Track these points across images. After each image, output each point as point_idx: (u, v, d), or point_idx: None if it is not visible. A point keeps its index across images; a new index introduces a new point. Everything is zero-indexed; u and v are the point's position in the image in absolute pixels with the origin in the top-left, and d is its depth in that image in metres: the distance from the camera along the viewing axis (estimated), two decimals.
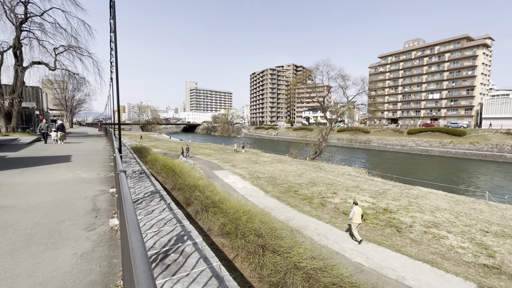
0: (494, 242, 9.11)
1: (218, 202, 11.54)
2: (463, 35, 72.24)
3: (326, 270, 6.39)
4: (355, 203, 9.41)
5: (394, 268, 7.44)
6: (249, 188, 16.60)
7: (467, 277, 7.04)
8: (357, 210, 9.15)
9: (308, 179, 19.17)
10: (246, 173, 21.28)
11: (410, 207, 12.85)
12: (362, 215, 9.16)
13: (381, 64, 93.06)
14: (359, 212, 9.10)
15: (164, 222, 3.85)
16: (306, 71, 44.15)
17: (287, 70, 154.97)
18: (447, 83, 74.89)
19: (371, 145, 67.94)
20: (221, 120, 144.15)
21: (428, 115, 79.16)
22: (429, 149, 56.34)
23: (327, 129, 37.11)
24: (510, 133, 50.15)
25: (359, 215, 9.07)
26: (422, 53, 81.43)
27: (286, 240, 7.99)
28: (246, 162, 26.71)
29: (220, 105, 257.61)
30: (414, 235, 9.66)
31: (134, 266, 0.85)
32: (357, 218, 9.06)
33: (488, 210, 12.76)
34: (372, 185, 17.97)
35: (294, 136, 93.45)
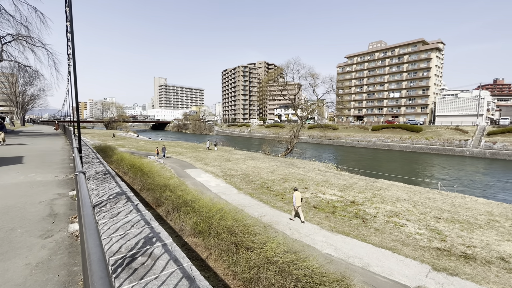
0: (445, 227, 10.10)
1: (190, 201, 11.28)
2: (419, 39, 78.41)
3: (298, 262, 6.58)
4: (295, 189, 10.99)
5: (360, 257, 7.91)
6: (222, 186, 16.46)
7: (423, 260, 7.72)
8: (297, 195, 10.72)
9: (280, 175, 19.53)
10: (219, 171, 21.07)
11: (374, 199, 13.72)
12: (301, 198, 10.76)
13: (348, 64, 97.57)
14: (299, 196, 10.68)
15: (131, 225, 3.65)
16: (278, 69, 44.75)
17: (259, 68, 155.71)
18: (406, 83, 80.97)
19: (339, 141, 71.18)
20: (193, 118, 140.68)
21: (390, 112, 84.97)
22: (391, 144, 60.63)
23: (298, 126, 38.06)
24: (458, 129, 55.84)
25: (299, 199, 10.65)
26: (384, 54, 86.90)
27: (259, 236, 8.07)
28: (219, 160, 26.44)
29: (191, 102, 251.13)
30: (378, 224, 10.35)
31: (90, 272, 0.79)
32: (298, 202, 10.65)
33: (440, 199, 14.10)
34: (340, 179, 18.85)
35: (266, 133, 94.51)
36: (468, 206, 12.92)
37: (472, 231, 9.75)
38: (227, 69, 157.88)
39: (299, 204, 10.62)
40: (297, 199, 10.62)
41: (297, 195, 10.69)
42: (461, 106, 65.22)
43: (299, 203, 10.62)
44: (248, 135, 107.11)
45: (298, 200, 10.61)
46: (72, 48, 5.37)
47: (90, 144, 29.75)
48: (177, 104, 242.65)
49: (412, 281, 6.71)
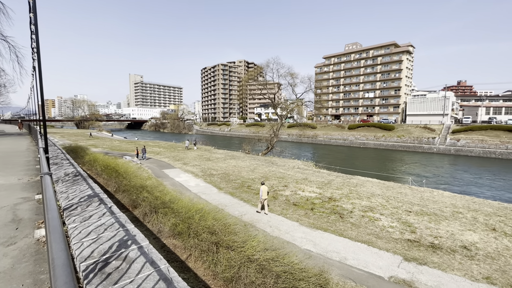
0: (415, 220, 10.74)
1: (169, 202, 11.00)
2: (392, 41, 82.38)
3: (278, 259, 6.67)
4: (262, 183, 11.67)
5: (337, 251, 8.18)
6: (202, 186, 16.23)
7: (395, 251, 8.16)
8: (263, 188, 11.36)
9: (260, 174, 19.63)
10: (199, 170, 20.75)
11: (350, 195, 14.24)
12: (267, 192, 11.44)
13: (325, 64, 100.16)
14: (265, 190, 11.33)
15: (104, 228, 3.49)
16: (258, 68, 44.88)
17: (239, 66, 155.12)
18: (380, 84, 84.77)
19: (317, 139, 72.96)
20: (171, 116, 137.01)
21: (365, 111, 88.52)
22: (366, 142, 63.23)
23: (278, 125, 38.46)
24: (426, 128, 59.49)
25: (265, 192, 11.30)
26: (359, 55, 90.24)
27: (240, 235, 8.06)
28: (199, 160, 26.03)
29: (170, 100, 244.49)
30: (354, 219, 10.76)
31: (54, 278, 0.74)
32: (264, 195, 11.29)
33: (411, 193, 14.95)
34: (319, 176, 19.34)
35: (246, 132, 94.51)
36: (436, 199, 13.82)
37: (438, 222, 10.45)
38: (207, 67, 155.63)
39: (265, 197, 11.27)
40: (263, 193, 11.28)
41: (263, 188, 11.34)
42: (429, 106, 69.51)
43: (265, 196, 11.27)
44: (228, 134, 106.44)
45: (264, 193, 11.28)
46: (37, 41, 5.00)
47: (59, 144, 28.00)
48: (154, 102, 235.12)
49: (386, 272, 7.06)
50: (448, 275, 6.89)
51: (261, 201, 11.44)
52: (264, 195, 11.33)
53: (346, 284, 6.38)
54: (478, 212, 11.76)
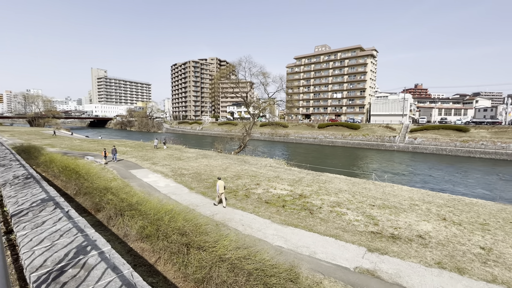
0: (378, 213, 11.49)
1: (136, 204, 10.48)
2: (357, 45, 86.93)
3: (250, 257, 6.70)
4: (219, 178, 12.28)
5: (307, 246, 8.45)
6: (172, 186, 15.71)
7: (360, 243, 8.65)
8: (219, 183, 11.92)
9: (233, 173, 19.55)
10: (169, 170, 20.05)
11: (320, 191, 14.79)
12: (224, 187, 12.07)
13: (296, 65, 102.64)
14: (221, 184, 11.91)
15: (60, 234, 3.20)
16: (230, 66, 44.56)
17: (211, 64, 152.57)
18: (347, 85, 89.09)
19: (289, 138, 74.62)
20: (139, 114, 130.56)
21: (333, 111, 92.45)
22: (334, 141, 66.13)
23: (250, 124, 38.57)
24: (388, 127, 63.90)
25: (221, 187, 11.89)
26: (328, 57, 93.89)
27: (211, 235, 7.96)
28: (169, 159, 25.15)
29: (137, 97, 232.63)
30: (323, 215, 11.20)
31: None
32: (220, 190, 11.90)
33: (374, 188, 15.96)
34: (290, 174, 19.79)
35: (219, 130, 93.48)
36: (396, 193, 14.91)
37: (398, 214, 11.29)
38: (177, 64, 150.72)
39: (222, 192, 11.95)
40: (220, 187, 11.89)
41: (220, 183, 11.94)
42: (390, 107, 74.70)
43: (222, 191, 11.94)
44: (200, 132, 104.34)
45: (221, 188, 11.90)
46: None
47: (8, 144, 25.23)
48: (120, 99, 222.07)
49: (351, 263, 7.45)
50: (406, 263, 7.49)
51: (218, 195, 12.10)
52: (220, 190, 11.92)
53: (315, 277, 6.62)
54: (431, 204, 12.93)
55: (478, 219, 10.86)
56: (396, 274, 6.91)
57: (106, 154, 22.34)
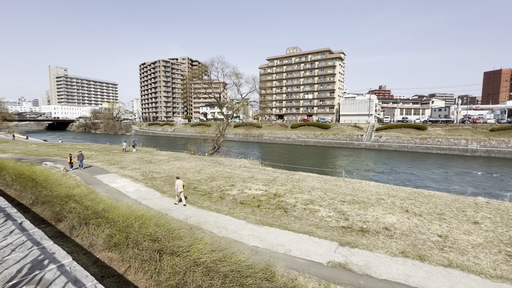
0: (348, 208, 12.03)
1: (103, 211, 9.86)
2: (326, 48, 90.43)
3: (225, 259, 6.63)
4: (177, 178, 12.58)
5: (282, 244, 8.58)
6: (142, 191, 15.02)
7: (332, 239, 8.98)
8: (178, 182, 12.24)
9: (207, 175, 19.23)
10: (139, 174, 19.15)
11: (293, 190, 15.11)
12: (183, 185, 12.36)
13: (269, 66, 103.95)
14: (180, 183, 12.20)
15: (12, 249, 2.88)
16: (202, 66, 43.79)
17: (182, 64, 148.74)
18: (317, 86, 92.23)
19: (263, 138, 75.29)
20: (105, 116, 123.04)
21: (305, 112, 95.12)
22: (307, 140, 68.06)
23: (224, 125, 38.25)
24: (356, 126, 67.28)
25: (180, 186, 12.17)
26: (299, 59, 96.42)
27: (185, 239, 7.74)
28: (139, 163, 24.02)
29: (102, 98, 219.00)
30: (297, 212, 11.45)
31: None
32: (179, 189, 12.18)
33: (344, 185, 16.69)
34: (264, 174, 19.96)
35: (192, 132, 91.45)
36: (364, 189, 15.74)
37: (366, 209, 11.92)
38: (146, 63, 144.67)
39: (181, 190, 12.20)
40: (179, 186, 12.16)
41: (178, 182, 12.22)
42: (357, 107, 78.73)
43: (181, 190, 12.19)
44: (172, 134, 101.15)
45: (179, 187, 12.16)
46: None
47: None
48: (83, 100, 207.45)
49: (324, 258, 7.71)
50: (374, 254, 7.93)
51: (177, 194, 12.33)
52: (179, 189, 12.17)
53: (290, 274, 6.74)
54: (395, 197, 13.84)
55: (435, 210, 11.84)
56: (366, 266, 7.28)
57: (72, 161, 20.04)
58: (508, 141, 46.97)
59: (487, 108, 75.71)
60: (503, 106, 72.97)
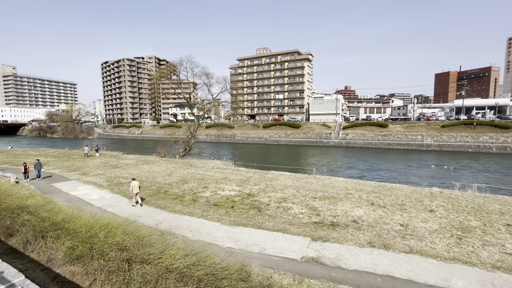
0: (319, 204, 12.48)
1: (62, 222, 9.11)
2: (295, 49, 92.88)
3: (199, 263, 6.49)
4: (133, 179, 12.57)
5: (257, 243, 8.63)
6: (108, 198, 14.11)
7: (305, 234, 9.25)
8: (134, 184, 12.23)
9: (178, 177, 18.66)
10: (104, 180, 17.97)
11: (267, 189, 15.28)
12: (139, 186, 12.40)
13: (239, 66, 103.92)
14: (136, 185, 12.22)
15: None
16: (170, 66, 42.39)
17: (149, 63, 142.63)
18: (287, 86, 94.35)
19: (235, 138, 75.06)
20: (62, 118, 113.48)
21: (276, 111, 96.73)
22: (278, 139, 69.25)
23: (195, 126, 37.42)
24: (325, 125, 70.05)
25: (135, 187, 12.20)
26: (269, 60, 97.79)
27: (156, 246, 7.43)
28: (103, 168, 22.53)
29: (59, 99, 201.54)
30: (271, 211, 11.60)
31: None
32: (135, 190, 12.20)
33: (315, 182, 17.28)
34: (238, 174, 19.91)
35: (161, 134, 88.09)
36: (333, 185, 16.45)
37: (336, 204, 12.47)
38: (109, 62, 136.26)
39: (137, 192, 12.23)
40: (134, 188, 12.17)
41: (134, 184, 12.21)
42: (326, 106, 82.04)
43: (136, 191, 12.21)
44: (139, 137, 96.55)
45: (135, 188, 12.17)
46: None
47: None
48: (37, 101, 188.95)
49: (298, 254, 7.91)
50: (344, 246, 8.32)
51: (133, 195, 12.33)
52: (135, 190, 12.17)
53: (266, 273, 6.80)
54: (362, 191, 14.67)
55: (397, 201, 12.78)
56: (337, 258, 7.61)
57: (27, 170, 17.55)
58: (456, 136, 52.35)
59: (438, 106, 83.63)
60: (451, 104, 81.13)
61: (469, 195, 13.83)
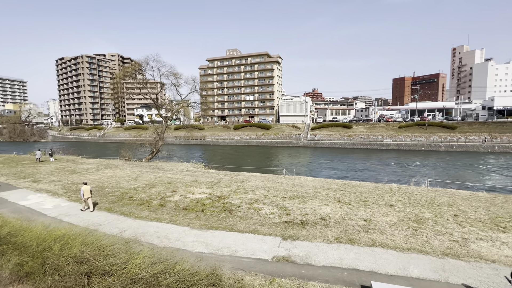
0: (289, 203, 12.75)
1: (8, 236, 8.15)
2: (265, 52, 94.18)
3: (167, 271, 6.21)
4: (84, 183, 12.20)
5: (228, 246, 8.52)
6: (64, 206, 12.93)
7: (276, 234, 9.36)
8: (84, 188, 11.88)
9: (145, 182, 17.77)
10: (59, 187, 16.44)
11: (238, 191, 15.21)
12: (91, 191, 12.02)
13: (209, 67, 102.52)
14: (86, 189, 11.86)
15: None
16: (135, 64, 40.22)
17: (111, 61, 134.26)
18: (258, 88, 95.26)
19: (206, 140, 73.79)
20: (9, 119, 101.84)
21: (247, 113, 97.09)
22: (249, 141, 69.54)
23: (163, 127, 35.99)
24: (294, 126, 71.99)
25: (86, 192, 11.84)
26: (239, 61, 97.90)
27: (120, 256, 6.96)
28: (58, 174, 20.61)
29: (5, 98, 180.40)
30: (242, 213, 11.56)
31: None
32: (85, 195, 11.85)
33: (285, 182, 17.63)
34: (208, 177, 19.55)
35: (126, 136, 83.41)
36: (303, 184, 16.93)
37: (305, 202, 12.84)
38: (65, 59, 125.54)
39: (88, 196, 11.87)
40: (85, 192, 11.82)
41: (85, 188, 11.86)
42: (295, 108, 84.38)
43: (87, 196, 11.85)
44: (101, 139, 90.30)
45: (85, 193, 11.82)
46: None
47: None
48: None
49: (269, 254, 7.98)
50: (313, 244, 8.58)
51: (84, 200, 11.98)
52: (85, 195, 11.83)
53: (237, 275, 6.74)
54: (329, 190, 15.31)
55: (361, 198, 13.55)
56: (306, 256, 7.82)
57: None
58: (412, 136, 57.24)
59: (396, 108, 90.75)
60: (407, 107, 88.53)
61: (422, 190, 15.16)
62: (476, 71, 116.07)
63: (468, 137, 53.27)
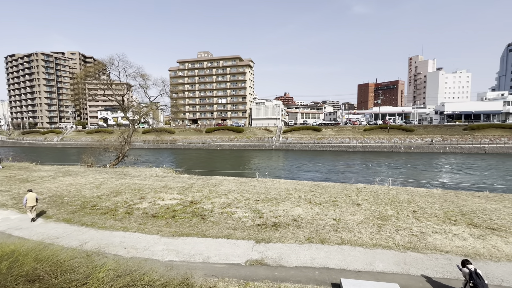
0: (262, 206, 12.80)
1: None
2: (237, 55, 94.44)
3: (134, 283, 5.85)
4: (29, 190, 11.48)
5: (200, 252, 8.29)
6: (14, 219, 11.62)
7: (249, 238, 9.33)
8: (29, 196, 11.14)
9: (109, 189, 16.66)
10: (8, 198, 14.76)
11: (210, 195, 14.93)
12: (36, 199, 11.33)
13: (180, 69, 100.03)
14: (31, 197, 11.13)
15: None
16: (99, 64, 37.84)
17: (72, 59, 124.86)
18: (230, 91, 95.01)
19: (177, 144, 71.57)
20: None
21: (219, 116, 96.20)
22: (222, 144, 68.91)
23: (130, 131, 34.16)
24: (266, 129, 72.91)
25: (30, 200, 11.10)
26: (211, 64, 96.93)
27: (80, 270, 6.40)
28: (7, 183, 18.52)
29: None
30: (214, 217, 11.35)
31: None
32: (30, 203, 11.10)
33: (258, 185, 17.69)
34: (179, 182, 18.92)
35: (88, 140, 77.84)
36: (275, 186, 17.13)
37: (278, 205, 13.00)
38: (16, 56, 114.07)
39: (31, 205, 11.12)
40: (29, 200, 11.07)
41: (29, 196, 11.13)
42: (267, 111, 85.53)
43: (31, 204, 11.09)
44: (60, 144, 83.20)
45: (29, 201, 11.06)
46: None
47: None
48: None
49: (243, 258, 7.91)
50: (286, 245, 8.70)
51: (29, 208, 11.18)
52: (29, 203, 11.05)
53: (209, 282, 6.58)
54: (301, 191, 15.68)
55: (331, 198, 14.08)
56: (279, 257, 7.89)
57: None
58: (375, 138, 61.07)
59: (361, 112, 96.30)
60: (370, 111, 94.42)
61: (385, 189, 16.20)
62: (429, 79, 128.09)
63: (424, 139, 58.35)
